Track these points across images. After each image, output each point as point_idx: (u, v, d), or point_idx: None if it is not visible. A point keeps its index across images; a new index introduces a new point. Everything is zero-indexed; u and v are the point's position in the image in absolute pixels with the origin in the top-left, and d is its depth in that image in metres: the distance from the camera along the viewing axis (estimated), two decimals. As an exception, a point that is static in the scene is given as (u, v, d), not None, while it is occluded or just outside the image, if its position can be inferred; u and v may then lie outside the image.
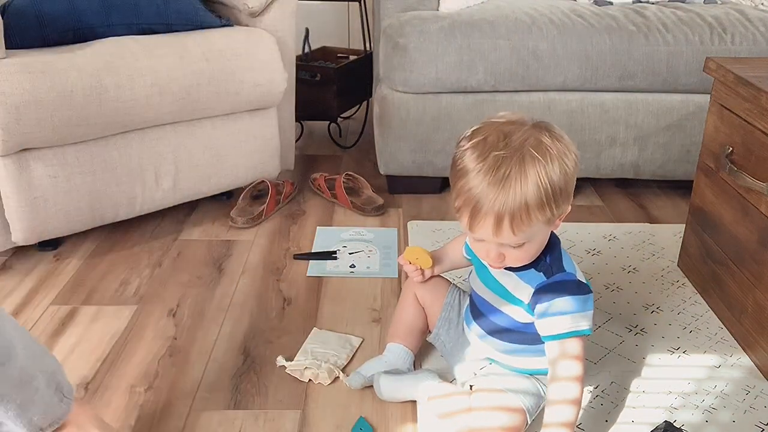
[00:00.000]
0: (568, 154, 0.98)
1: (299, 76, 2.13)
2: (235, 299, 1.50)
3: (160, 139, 1.65)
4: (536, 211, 0.95)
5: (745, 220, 1.33)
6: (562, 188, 0.96)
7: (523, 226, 0.95)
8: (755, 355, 1.30)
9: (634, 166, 2.00)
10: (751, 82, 1.28)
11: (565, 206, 1.00)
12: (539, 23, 1.88)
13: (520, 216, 0.94)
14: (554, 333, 1.03)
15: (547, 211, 0.96)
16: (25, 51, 1.50)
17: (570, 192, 0.99)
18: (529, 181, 0.93)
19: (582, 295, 1.05)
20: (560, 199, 0.97)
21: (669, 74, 1.89)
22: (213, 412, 1.17)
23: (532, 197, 0.93)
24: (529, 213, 0.94)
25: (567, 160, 0.97)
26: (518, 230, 0.96)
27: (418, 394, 1.16)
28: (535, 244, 1.02)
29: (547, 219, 0.97)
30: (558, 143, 0.97)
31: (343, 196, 1.95)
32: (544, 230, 1.01)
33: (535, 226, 0.97)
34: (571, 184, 0.99)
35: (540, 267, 1.06)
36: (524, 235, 0.97)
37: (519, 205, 0.93)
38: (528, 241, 0.99)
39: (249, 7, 1.80)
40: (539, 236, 1.01)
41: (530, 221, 0.95)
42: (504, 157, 0.94)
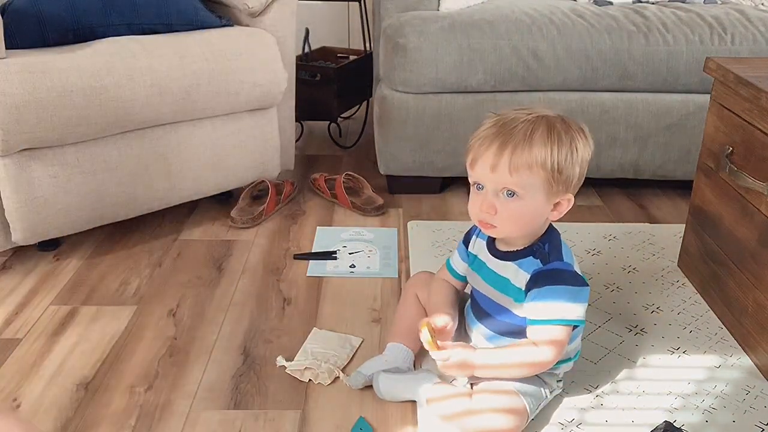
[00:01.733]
0: (586, 143, 1.04)
1: (299, 76, 2.13)
2: (235, 299, 1.50)
3: (160, 139, 1.65)
4: (538, 158, 0.99)
5: (745, 220, 1.33)
6: (567, 161, 1.01)
7: (520, 165, 0.99)
8: (755, 355, 1.30)
9: (634, 166, 2.00)
10: (751, 82, 1.28)
11: (566, 182, 1.03)
12: (539, 23, 1.88)
13: (521, 153, 0.99)
14: (540, 318, 1.05)
15: (548, 166, 0.99)
16: (25, 51, 1.50)
17: (573, 173, 1.03)
18: (539, 133, 1.00)
19: (576, 286, 1.06)
20: (563, 168, 1.01)
21: (669, 74, 1.89)
22: (213, 412, 1.17)
23: (537, 145, 0.99)
24: (530, 154, 0.99)
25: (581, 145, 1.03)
26: (514, 168, 0.99)
27: (417, 394, 1.16)
28: (525, 209, 1.03)
29: (543, 181, 1.00)
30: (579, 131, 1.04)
31: (343, 196, 1.95)
32: (539, 196, 1.03)
33: (532, 176, 1.00)
34: (576, 167, 1.03)
35: (538, 254, 1.08)
36: (519, 179, 1.00)
37: (524, 143, 0.99)
38: (523, 192, 1.01)
39: (249, 7, 1.80)
40: (532, 202, 1.03)
41: (529, 165, 0.99)
42: (527, 114, 1.02)
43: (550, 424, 1.13)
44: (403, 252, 1.71)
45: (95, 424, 1.14)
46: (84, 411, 1.16)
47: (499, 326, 1.14)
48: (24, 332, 1.37)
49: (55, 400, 1.18)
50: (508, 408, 1.07)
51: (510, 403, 1.07)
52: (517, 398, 1.08)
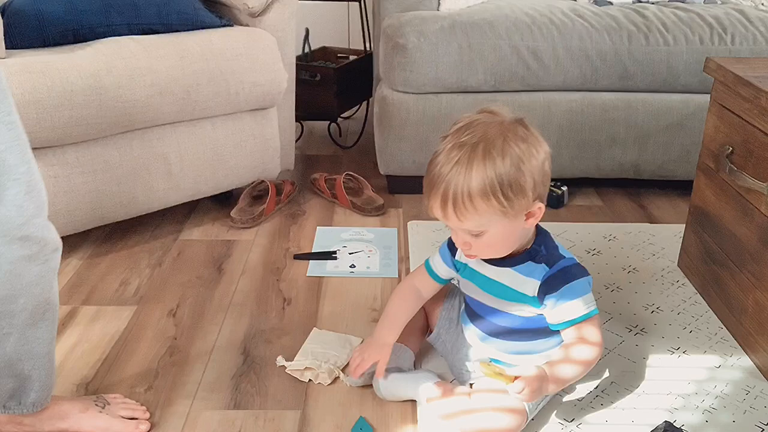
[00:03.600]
0: (532, 151, 0.99)
1: (299, 76, 2.13)
2: (235, 299, 1.50)
3: (160, 139, 1.65)
4: (479, 199, 0.97)
5: (745, 220, 1.33)
6: (513, 182, 0.97)
7: (466, 212, 0.98)
8: (755, 355, 1.30)
9: (634, 166, 2.00)
10: (751, 82, 1.28)
11: (522, 201, 0.99)
12: (539, 23, 1.88)
13: (462, 201, 0.97)
14: (570, 318, 1.05)
15: (493, 202, 0.97)
16: (25, 51, 1.50)
17: (526, 188, 0.99)
18: (475, 168, 0.96)
19: (587, 276, 1.08)
20: (510, 192, 0.97)
21: (669, 74, 1.89)
22: (213, 412, 1.17)
23: (475, 185, 0.96)
24: (471, 200, 0.97)
25: (525, 157, 0.98)
26: (462, 216, 0.98)
27: (417, 394, 1.16)
28: (499, 236, 1.02)
29: (497, 210, 0.98)
30: (522, 142, 0.99)
31: (343, 196, 1.95)
32: (502, 223, 1.00)
33: (482, 215, 0.98)
34: (527, 181, 0.98)
35: (538, 258, 1.07)
36: (472, 223, 0.99)
37: (462, 189, 0.96)
38: (485, 230, 1.01)
39: (249, 7, 1.80)
40: (501, 228, 1.01)
41: (474, 208, 0.97)
42: (460, 144, 0.98)
43: (550, 424, 1.13)
44: (403, 252, 1.71)
45: (95, 424, 1.14)
46: (84, 411, 1.16)
47: (493, 328, 1.14)
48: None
49: (55, 400, 1.18)
50: (507, 407, 1.07)
51: (509, 403, 1.07)
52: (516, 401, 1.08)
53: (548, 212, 1.91)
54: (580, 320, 1.05)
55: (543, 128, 1.92)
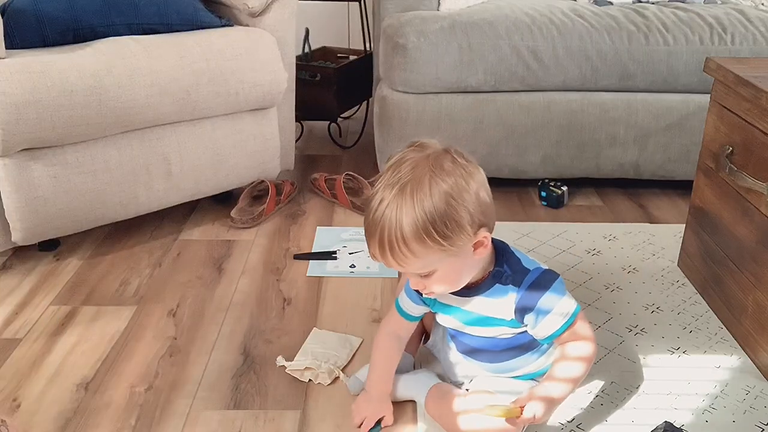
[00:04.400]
0: (462, 183, 0.94)
1: (299, 76, 2.13)
2: (235, 299, 1.50)
3: (160, 139, 1.65)
4: (414, 243, 0.92)
5: (745, 220, 1.33)
6: (446, 220, 0.92)
7: (406, 258, 0.94)
8: (755, 355, 1.30)
9: (634, 166, 2.00)
10: (751, 82, 1.28)
11: (462, 235, 0.94)
12: (539, 23, 1.88)
13: (398, 247, 0.93)
14: (556, 329, 1.03)
15: (428, 242, 0.92)
16: (25, 51, 1.50)
17: (462, 222, 0.94)
18: (405, 212, 0.92)
19: (557, 279, 1.04)
20: (446, 230, 0.93)
21: (669, 74, 1.89)
22: (213, 412, 1.17)
23: (407, 228, 0.92)
24: (407, 245, 0.93)
25: (455, 191, 0.93)
26: (402, 261, 0.95)
27: (417, 394, 1.16)
28: (451, 273, 0.99)
29: (436, 250, 0.94)
30: (448, 176, 0.94)
31: (343, 196, 1.95)
32: (448, 260, 0.96)
33: (424, 258, 0.94)
34: (462, 214, 0.93)
35: (504, 279, 1.04)
36: (417, 266, 0.96)
37: (396, 235, 0.92)
38: (430, 268, 0.97)
39: (249, 7, 1.80)
40: (449, 265, 0.97)
41: (412, 252, 0.93)
42: (390, 186, 0.94)
43: (550, 424, 1.13)
44: (403, 252, 1.71)
45: (95, 424, 1.14)
46: (84, 411, 1.16)
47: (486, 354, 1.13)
48: (24, 332, 1.37)
49: (55, 400, 1.18)
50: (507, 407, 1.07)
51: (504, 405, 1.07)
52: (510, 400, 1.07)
53: (548, 212, 1.94)
54: (567, 326, 1.03)
55: (543, 128, 1.94)
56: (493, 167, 1.98)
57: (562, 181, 2.00)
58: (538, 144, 1.95)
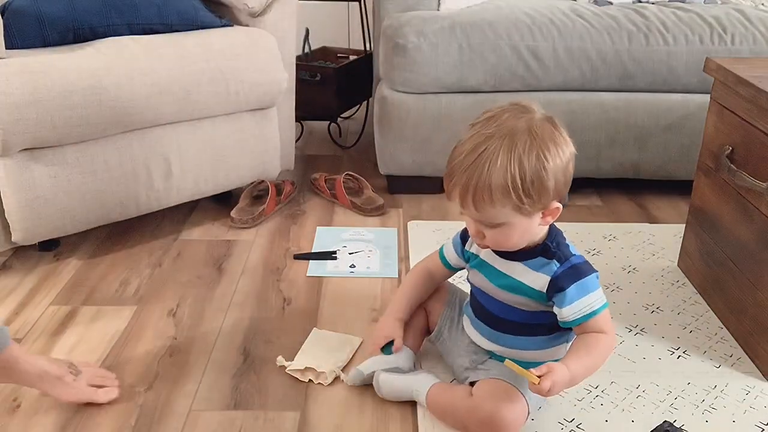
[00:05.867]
0: (557, 151, 0.99)
1: (299, 76, 2.13)
2: (235, 299, 1.50)
3: (160, 139, 1.65)
4: (498, 194, 0.97)
5: (745, 220, 1.33)
6: (535, 180, 0.97)
7: (485, 204, 0.98)
8: (755, 355, 1.30)
9: (634, 166, 2.00)
10: (751, 82, 1.28)
11: (542, 200, 0.99)
12: (539, 23, 1.88)
13: (482, 194, 0.97)
14: (582, 315, 1.05)
15: (512, 197, 0.97)
16: (25, 51, 1.50)
17: (548, 188, 0.98)
18: (499, 163, 0.96)
19: (595, 272, 1.08)
20: (532, 190, 0.97)
21: (669, 74, 1.89)
22: (213, 412, 1.17)
23: (496, 179, 0.96)
24: (491, 193, 0.97)
25: (551, 156, 0.98)
26: (480, 208, 0.99)
27: (417, 394, 1.16)
28: (514, 231, 1.02)
29: (515, 206, 0.98)
30: (549, 141, 0.98)
31: (343, 196, 1.95)
32: (519, 218, 1.00)
33: (500, 209, 0.98)
34: (550, 180, 0.98)
35: (549, 254, 1.07)
36: (489, 215, 1.00)
37: (483, 183, 0.96)
38: (503, 223, 1.01)
39: (249, 7, 1.80)
40: (517, 223, 1.01)
41: (492, 202, 0.97)
42: (487, 136, 0.98)
43: (550, 424, 1.13)
44: (403, 252, 1.71)
45: (95, 424, 1.14)
46: (84, 411, 1.16)
47: (496, 321, 1.14)
48: (24, 332, 1.37)
49: (54, 400, 1.18)
50: (508, 407, 1.07)
51: (510, 402, 1.07)
52: (517, 395, 1.08)
53: (548, 212, 1.94)
54: (592, 315, 1.05)
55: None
56: (493, 167, 1.98)
57: (562, 181, 2.00)
58: (538, 144, 1.95)
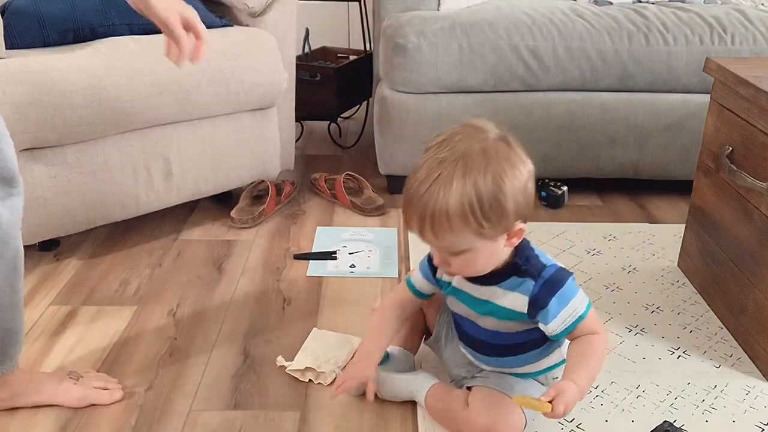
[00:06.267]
0: (514, 172, 0.95)
1: (299, 76, 2.13)
2: (235, 299, 1.50)
3: (160, 139, 1.65)
4: (457, 220, 0.93)
5: (745, 220, 1.33)
6: (493, 204, 0.93)
7: (444, 232, 0.94)
8: (755, 355, 1.30)
9: (634, 166, 2.00)
10: (751, 82, 1.28)
11: (503, 222, 0.95)
12: (539, 23, 1.88)
13: (440, 222, 0.93)
14: (568, 325, 1.03)
15: (471, 222, 0.93)
16: (25, 51, 1.50)
17: (507, 210, 0.94)
18: (454, 188, 0.92)
19: (570, 277, 1.04)
20: (491, 214, 0.93)
21: (669, 74, 1.89)
22: (213, 412, 1.17)
23: (453, 205, 0.92)
24: (449, 220, 0.93)
25: (507, 178, 0.94)
26: (440, 236, 0.95)
27: (417, 394, 1.16)
28: (479, 256, 0.99)
29: (475, 231, 0.94)
30: (504, 161, 0.95)
31: (343, 196, 1.95)
32: (482, 243, 0.97)
33: (460, 236, 0.95)
34: (509, 202, 0.94)
35: (520, 272, 1.04)
36: (450, 243, 0.96)
37: (440, 209, 0.93)
38: (466, 250, 0.97)
39: (249, 7, 1.80)
40: (481, 248, 0.97)
41: (451, 229, 0.94)
42: (440, 161, 0.94)
43: (550, 424, 1.13)
44: (403, 252, 1.71)
45: (95, 424, 1.14)
46: (84, 411, 1.16)
47: (490, 349, 1.12)
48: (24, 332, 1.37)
49: (55, 400, 1.18)
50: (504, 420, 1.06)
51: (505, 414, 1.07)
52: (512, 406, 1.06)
53: (548, 212, 1.94)
54: (579, 321, 1.03)
55: (543, 128, 1.94)
56: (493, 167, 1.98)
57: (562, 181, 2.00)
58: (538, 144, 1.95)
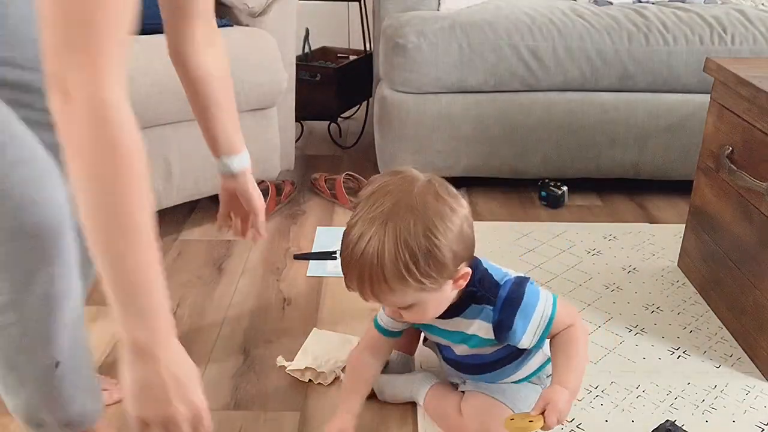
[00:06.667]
0: (445, 224, 0.91)
1: (299, 76, 2.13)
2: (235, 299, 1.50)
3: (160, 139, 1.65)
4: (396, 282, 0.90)
5: (745, 220, 1.33)
6: (429, 260, 0.90)
7: (385, 295, 0.92)
8: (755, 355, 1.30)
9: (634, 166, 2.00)
10: (751, 82, 1.28)
11: (444, 274, 0.92)
12: (539, 23, 1.88)
13: (378, 284, 0.91)
14: (541, 332, 1.01)
15: (410, 282, 0.90)
16: (25, 51, 1.50)
17: (445, 263, 0.91)
18: (386, 252, 0.89)
19: (527, 284, 1.02)
20: (428, 270, 0.90)
21: (669, 74, 1.89)
22: (213, 412, 1.16)
23: (389, 269, 0.89)
24: (387, 282, 0.90)
25: (440, 232, 0.90)
26: (382, 298, 0.93)
27: (417, 395, 1.16)
28: (428, 306, 0.97)
29: (417, 288, 0.91)
30: (433, 213, 0.91)
31: (343, 196, 1.95)
32: (427, 295, 0.94)
33: (402, 295, 0.92)
34: (446, 255, 0.91)
35: (478, 299, 1.02)
36: (395, 302, 0.94)
37: (377, 275, 0.90)
38: (413, 304, 0.95)
39: (249, 8, 1.80)
40: (428, 299, 0.95)
41: (392, 291, 0.91)
42: (370, 221, 0.91)
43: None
44: (403, 252, 1.71)
45: (95, 424, 1.13)
46: (84, 411, 1.16)
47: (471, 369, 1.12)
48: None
49: (55, 400, 1.18)
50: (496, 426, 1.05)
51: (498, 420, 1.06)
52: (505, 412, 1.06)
53: (548, 212, 1.94)
54: (551, 322, 1.01)
55: (543, 128, 1.94)
56: (493, 167, 1.98)
57: (562, 181, 2.00)
58: (538, 144, 1.95)
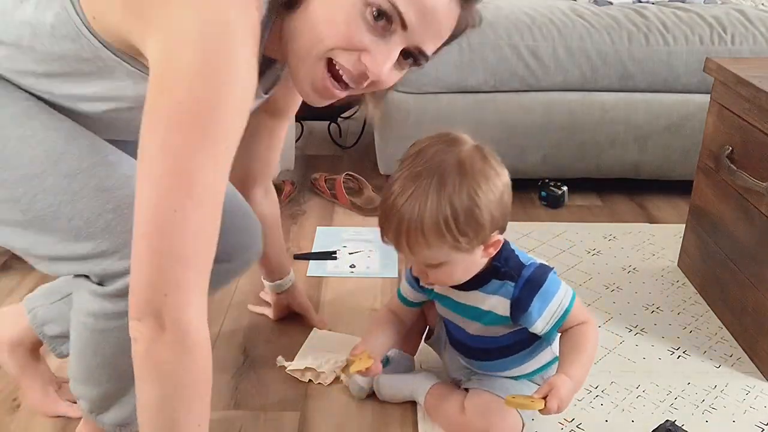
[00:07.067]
0: (489, 186, 0.94)
1: (299, 76, 2.13)
2: (235, 299, 1.50)
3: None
4: (432, 236, 0.92)
5: (745, 220, 1.33)
6: (469, 219, 0.92)
7: (420, 247, 0.94)
8: (755, 354, 1.30)
9: (634, 166, 2.00)
10: (751, 82, 1.29)
11: (479, 236, 0.95)
12: (539, 23, 1.88)
13: (415, 237, 0.93)
14: (556, 320, 1.02)
15: (447, 238, 0.92)
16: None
17: (483, 224, 0.94)
18: (429, 204, 0.91)
19: (550, 272, 1.04)
20: (466, 229, 0.93)
21: (669, 74, 1.89)
22: (213, 412, 1.16)
23: (428, 221, 0.92)
24: (425, 236, 0.92)
25: (482, 192, 0.93)
26: (416, 251, 0.95)
27: (417, 395, 1.16)
28: (456, 268, 0.99)
29: (451, 246, 0.94)
30: (479, 174, 0.94)
31: (343, 196, 1.95)
32: (459, 255, 0.96)
33: (436, 250, 0.95)
34: (484, 217, 0.93)
35: (500, 275, 1.03)
36: (427, 256, 0.96)
37: (415, 226, 0.92)
38: (443, 262, 0.97)
39: (249, 7, 1.79)
40: (458, 261, 0.97)
41: (427, 244, 0.93)
42: (415, 175, 0.93)
43: (550, 424, 1.13)
44: (403, 252, 1.71)
45: (95, 424, 1.14)
46: (84, 411, 1.16)
47: (478, 354, 1.13)
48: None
49: (55, 400, 1.18)
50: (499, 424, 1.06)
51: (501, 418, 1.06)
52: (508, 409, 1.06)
53: (548, 212, 1.94)
54: (566, 314, 1.02)
55: (543, 128, 1.93)
56: (493, 167, 1.98)
57: (562, 181, 2.00)
58: (538, 144, 1.95)
